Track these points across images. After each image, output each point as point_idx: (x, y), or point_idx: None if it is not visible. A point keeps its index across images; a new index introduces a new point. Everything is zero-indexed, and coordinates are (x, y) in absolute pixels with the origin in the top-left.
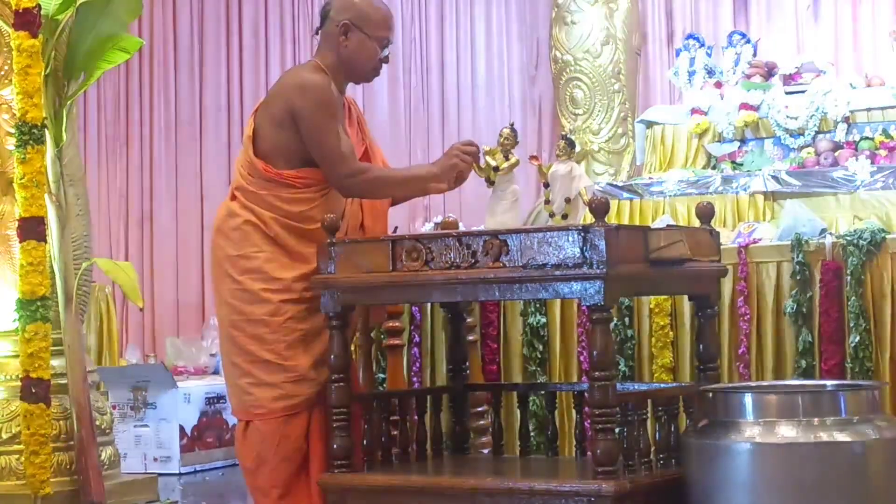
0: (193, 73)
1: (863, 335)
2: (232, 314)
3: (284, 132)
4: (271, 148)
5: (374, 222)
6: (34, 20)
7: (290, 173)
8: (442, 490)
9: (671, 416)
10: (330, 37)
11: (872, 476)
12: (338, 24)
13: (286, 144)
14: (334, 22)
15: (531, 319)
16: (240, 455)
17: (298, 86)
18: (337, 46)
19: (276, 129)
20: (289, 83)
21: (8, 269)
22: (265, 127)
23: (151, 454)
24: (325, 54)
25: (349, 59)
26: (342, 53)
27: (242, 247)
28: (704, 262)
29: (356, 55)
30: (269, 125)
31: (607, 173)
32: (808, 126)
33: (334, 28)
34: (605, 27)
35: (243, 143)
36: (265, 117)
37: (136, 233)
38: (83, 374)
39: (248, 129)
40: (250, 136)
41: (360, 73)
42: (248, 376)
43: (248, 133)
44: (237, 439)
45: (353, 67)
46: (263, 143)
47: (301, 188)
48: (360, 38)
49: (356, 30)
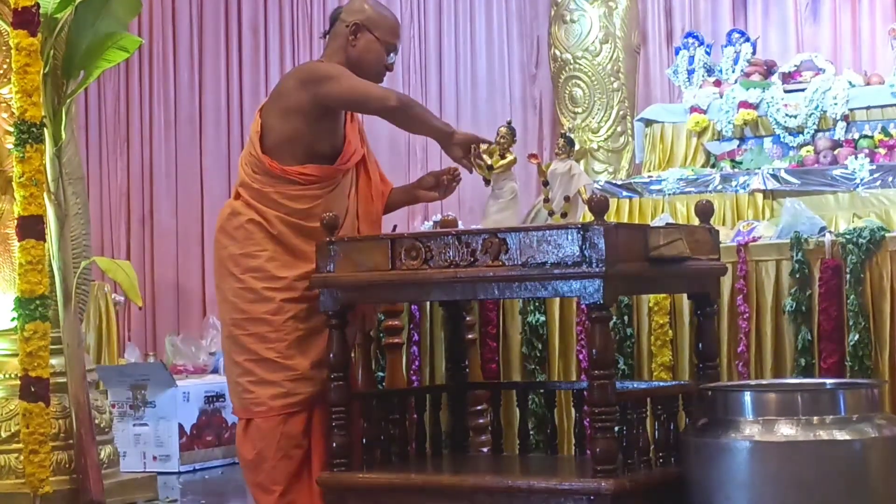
0: (193, 71)
1: (862, 333)
2: (234, 312)
3: (292, 122)
4: (278, 142)
5: (370, 229)
6: (33, 19)
7: (295, 169)
8: (441, 488)
9: (670, 414)
10: (339, 37)
11: (871, 474)
12: (348, 25)
13: (293, 136)
14: (344, 23)
15: (530, 318)
16: (240, 452)
17: (307, 70)
18: (345, 46)
19: (284, 120)
20: (297, 73)
21: (7, 267)
22: (272, 121)
23: (151, 453)
24: (332, 55)
25: (357, 59)
26: (350, 53)
27: (245, 245)
28: (704, 261)
29: (364, 56)
30: (276, 118)
31: (606, 172)
32: (808, 124)
33: (343, 28)
34: (605, 26)
35: (249, 139)
36: (272, 111)
37: (137, 231)
38: (82, 373)
39: (254, 126)
40: (258, 132)
41: (366, 74)
42: (249, 374)
43: (256, 129)
44: (238, 437)
45: (359, 68)
46: (270, 138)
47: (306, 185)
48: (369, 40)
49: (366, 31)
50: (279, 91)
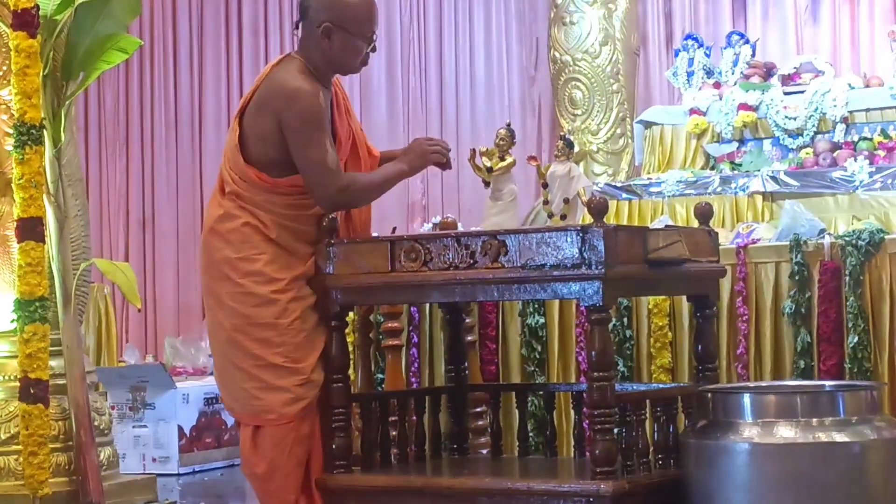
0: (193, 73)
1: (861, 335)
2: (234, 317)
3: (273, 146)
4: (262, 158)
5: (362, 229)
6: (32, 20)
7: (285, 181)
8: (441, 490)
9: (670, 416)
10: (312, 36)
11: (871, 476)
12: (318, 25)
13: (277, 157)
14: (314, 22)
15: (530, 320)
16: (249, 462)
17: (286, 96)
18: (320, 46)
19: (264, 144)
20: (275, 90)
21: (6, 269)
22: (256, 138)
23: (150, 454)
24: (310, 52)
25: (336, 59)
26: (327, 55)
27: (242, 249)
28: (703, 263)
29: (341, 55)
30: (259, 136)
31: (606, 174)
32: (807, 126)
33: (315, 29)
34: (604, 28)
35: (230, 147)
36: (254, 126)
37: (136, 233)
38: (82, 375)
39: (233, 136)
40: (237, 144)
41: (348, 69)
42: (255, 381)
43: (235, 141)
44: (245, 446)
45: (340, 65)
46: (254, 152)
47: (296, 195)
48: (343, 38)
49: (338, 30)
50: (258, 107)
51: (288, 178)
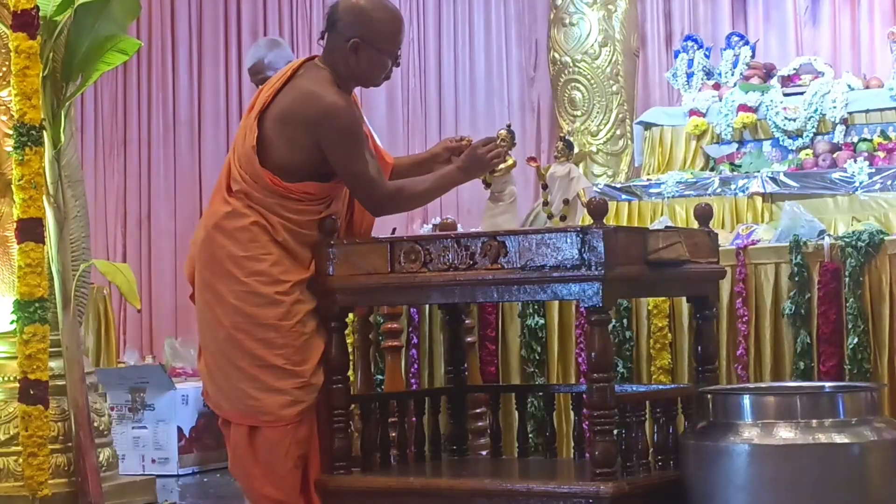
0: (192, 74)
1: (861, 337)
2: (235, 316)
3: (302, 154)
4: (281, 163)
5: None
6: (32, 21)
7: (297, 187)
8: (440, 491)
9: (669, 417)
10: (339, 49)
11: (871, 478)
12: (347, 41)
13: (300, 164)
14: (343, 37)
15: (529, 321)
16: (242, 463)
17: (322, 112)
18: (346, 60)
19: (292, 149)
20: (307, 102)
21: (6, 270)
22: (278, 143)
23: (149, 456)
24: (336, 64)
25: (362, 74)
26: (353, 70)
27: (249, 248)
28: (703, 264)
29: (367, 70)
30: (283, 143)
31: (605, 175)
32: (807, 128)
33: (343, 43)
34: (604, 29)
35: (244, 148)
36: (278, 133)
37: (135, 234)
38: (81, 376)
39: (251, 137)
40: (254, 146)
41: (371, 83)
42: (253, 381)
43: (252, 143)
44: (238, 446)
45: (364, 80)
46: (271, 155)
47: (307, 202)
48: (371, 55)
49: (366, 46)
50: (284, 115)
51: (300, 183)
